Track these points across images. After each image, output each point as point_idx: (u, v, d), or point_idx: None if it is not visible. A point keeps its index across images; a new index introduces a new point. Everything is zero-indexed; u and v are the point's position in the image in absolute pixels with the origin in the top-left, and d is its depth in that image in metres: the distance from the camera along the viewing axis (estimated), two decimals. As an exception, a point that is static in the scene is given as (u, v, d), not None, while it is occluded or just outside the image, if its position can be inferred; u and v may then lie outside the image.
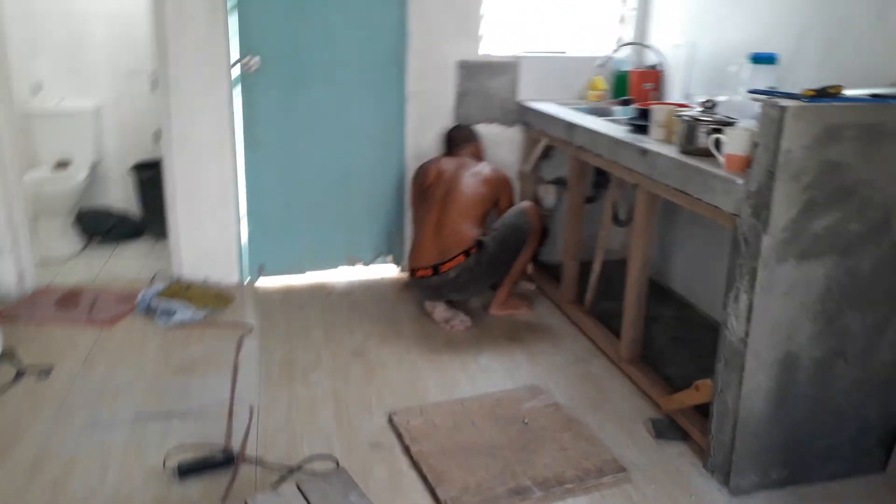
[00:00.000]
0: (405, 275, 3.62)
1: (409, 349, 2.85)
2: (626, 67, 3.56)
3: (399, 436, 2.25)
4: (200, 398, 2.44)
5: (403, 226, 3.61)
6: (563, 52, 3.63)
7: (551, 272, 3.50)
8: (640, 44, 3.38)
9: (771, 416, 1.98)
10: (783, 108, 1.72)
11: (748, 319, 1.89)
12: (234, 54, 3.19)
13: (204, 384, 2.54)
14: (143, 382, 2.53)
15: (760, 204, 1.81)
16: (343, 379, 2.62)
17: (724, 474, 2.05)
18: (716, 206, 2.01)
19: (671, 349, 2.81)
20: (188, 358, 2.73)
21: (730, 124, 2.16)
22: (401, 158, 3.52)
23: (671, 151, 2.26)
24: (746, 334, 1.90)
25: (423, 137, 3.51)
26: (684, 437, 2.27)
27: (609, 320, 3.01)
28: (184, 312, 3.00)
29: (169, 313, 2.99)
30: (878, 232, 1.88)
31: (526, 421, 2.33)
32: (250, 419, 2.24)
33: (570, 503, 1.98)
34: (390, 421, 2.34)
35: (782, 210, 1.79)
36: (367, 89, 3.40)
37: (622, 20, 3.68)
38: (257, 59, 3.20)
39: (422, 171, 3.28)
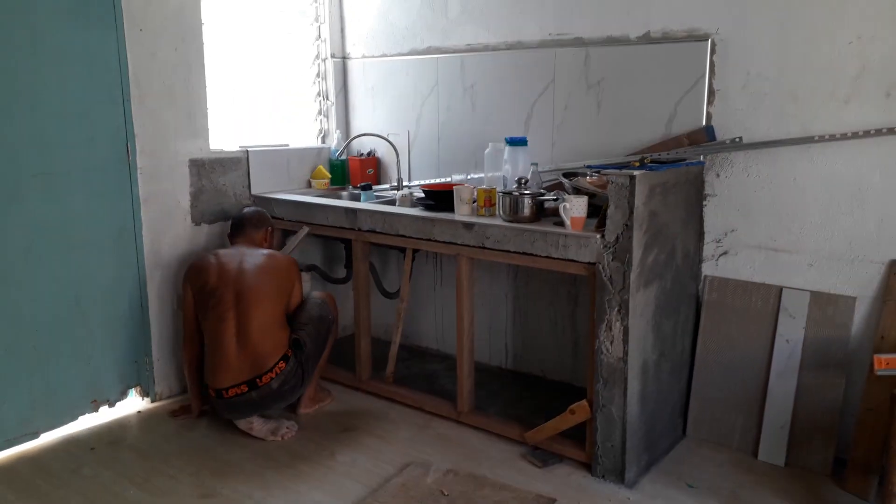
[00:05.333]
0: (161, 404, 3.16)
1: (258, 473, 2.57)
2: (342, 156, 3.82)
3: (349, 554, 2.09)
4: None
5: (151, 348, 3.16)
6: (287, 145, 3.70)
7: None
8: (374, 134, 3.67)
9: (639, 414, 2.51)
10: (633, 177, 2.29)
11: (625, 340, 2.39)
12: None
13: None
14: None
15: (622, 250, 2.34)
16: (219, 527, 2.25)
17: (616, 474, 2.50)
18: (570, 260, 2.47)
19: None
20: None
21: (543, 195, 2.68)
22: (140, 270, 3.09)
23: (498, 221, 2.66)
24: (625, 353, 2.40)
25: (160, 243, 3.16)
26: (560, 458, 2.65)
27: (414, 384, 3.23)
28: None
29: None
30: (671, 257, 2.60)
31: (445, 493, 2.40)
32: None
33: (543, 543, 2.17)
34: (323, 545, 2.14)
35: (637, 252, 2.35)
36: (96, 199, 2.91)
37: (325, 114, 3.93)
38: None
39: (197, 270, 2.91)
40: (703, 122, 2.76)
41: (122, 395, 3.11)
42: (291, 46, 3.78)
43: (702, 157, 2.77)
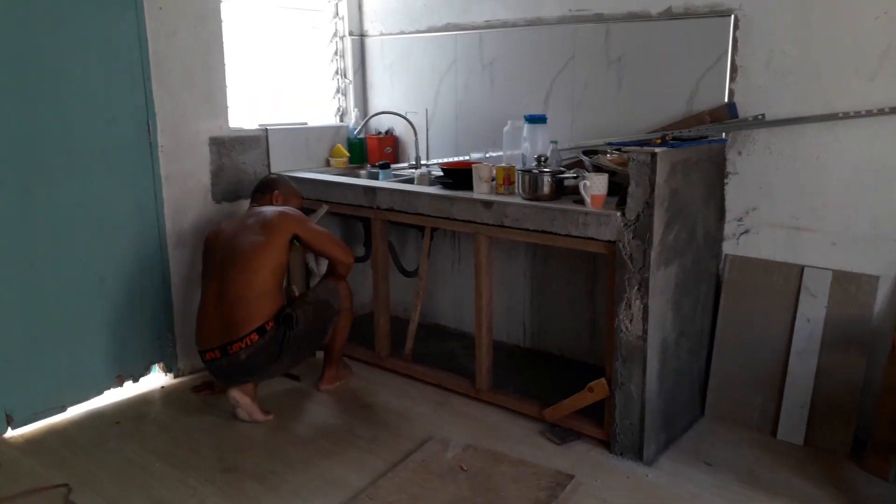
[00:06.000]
0: (183, 380, 3.21)
1: (279, 448, 2.61)
2: (360, 134, 3.82)
3: (371, 527, 2.13)
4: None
5: (173, 325, 3.20)
6: (306, 123, 3.71)
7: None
8: (392, 112, 3.67)
9: (658, 392, 2.52)
10: (654, 154, 2.27)
11: (644, 319, 2.39)
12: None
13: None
14: None
15: (643, 228, 2.33)
16: (246, 498, 2.29)
17: (635, 452, 2.51)
18: (590, 238, 2.46)
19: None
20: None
21: (563, 173, 2.67)
22: (163, 248, 3.13)
23: (517, 200, 2.65)
24: (645, 331, 2.39)
25: (182, 222, 3.19)
26: (578, 436, 2.66)
27: (433, 362, 3.25)
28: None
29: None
30: (692, 236, 2.58)
31: (465, 468, 2.42)
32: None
33: (561, 518, 2.19)
34: (345, 518, 2.18)
35: (658, 230, 2.34)
36: (118, 177, 2.95)
37: (343, 92, 3.93)
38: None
39: (206, 239, 2.94)
40: (726, 99, 2.72)
41: (146, 370, 3.16)
42: (309, 24, 3.77)
43: (724, 134, 2.74)
